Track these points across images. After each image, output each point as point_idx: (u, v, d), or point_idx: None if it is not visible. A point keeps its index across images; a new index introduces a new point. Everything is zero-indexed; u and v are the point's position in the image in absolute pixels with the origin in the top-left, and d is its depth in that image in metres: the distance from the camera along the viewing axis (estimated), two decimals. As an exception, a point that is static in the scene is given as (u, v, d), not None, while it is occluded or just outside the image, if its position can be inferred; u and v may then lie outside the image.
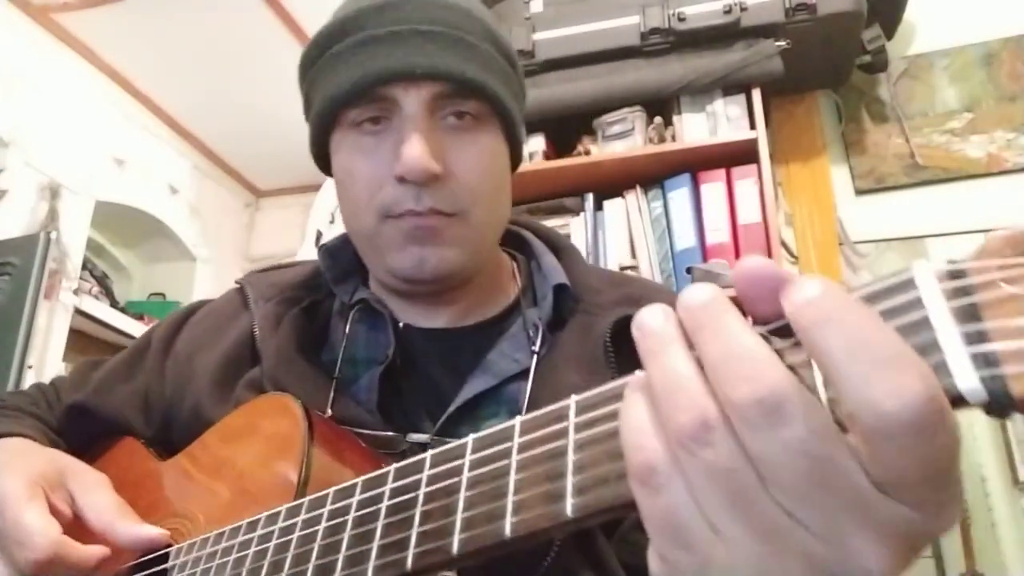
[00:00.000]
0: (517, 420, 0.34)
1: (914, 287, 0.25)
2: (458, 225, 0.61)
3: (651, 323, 0.28)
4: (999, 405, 0.23)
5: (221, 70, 2.71)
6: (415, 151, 0.57)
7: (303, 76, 0.66)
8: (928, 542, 0.25)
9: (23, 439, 0.69)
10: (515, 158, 0.68)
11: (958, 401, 0.24)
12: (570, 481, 0.30)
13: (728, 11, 1.76)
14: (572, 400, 0.33)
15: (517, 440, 0.34)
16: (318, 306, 0.72)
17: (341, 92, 0.60)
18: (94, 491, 0.61)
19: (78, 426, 0.76)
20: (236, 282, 0.77)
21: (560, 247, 0.74)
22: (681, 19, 1.78)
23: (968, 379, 0.23)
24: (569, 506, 0.30)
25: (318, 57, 0.63)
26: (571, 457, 0.31)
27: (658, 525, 0.27)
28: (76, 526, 0.60)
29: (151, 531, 0.57)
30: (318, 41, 0.63)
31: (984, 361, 0.23)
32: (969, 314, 0.24)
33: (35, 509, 0.57)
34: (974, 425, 2.31)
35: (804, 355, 0.26)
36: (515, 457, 0.33)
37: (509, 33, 1.88)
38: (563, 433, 0.32)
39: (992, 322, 0.24)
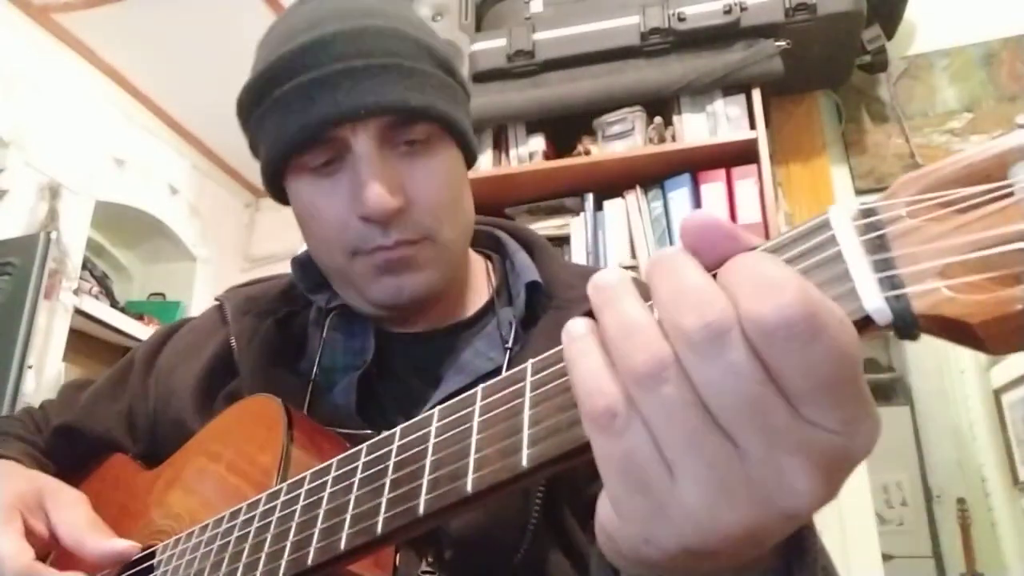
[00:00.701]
0: (479, 387, 0.36)
1: (829, 227, 0.28)
2: (427, 248, 0.62)
3: (606, 278, 0.30)
4: (903, 322, 0.26)
5: (221, 70, 2.71)
6: (375, 193, 0.58)
7: (245, 119, 0.66)
8: (853, 465, 0.27)
9: (6, 461, 0.70)
10: (469, 159, 0.69)
11: (867, 322, 0.26)
12: (526, 435, 0.32)
13: (728, 11, 1.76)
14: (529, 363, 0.35)
15: (479, 404, 0.36)
16: (294, 317, 0.73)
17: (289, 141, 0.60)
18: (67, 509, 0.62)
19: (67, 447, 0.76)
20: (215, 299, 0.78)
21: (533, 245, 0.74)
22: (681, 19, 1.79)
23: (873, 300, 0.26)
24: (525, 457, 0.32)
25: (257, 103, 0.62)
26: (527, 413, 0.33)
27: (617, 469, 0.28)
28: (51, 543, 0.61)
29: (119, 544, 0.58)
30: (256, 84, 0.62)
31: (890, 284, 0.26)
32: (877, 245, 0.27)
33: (9, 535, 0.58)
34: (974, 425, 2.30)
35: None
36: (476, 420, 0.35)
37: (509, 34, 1.88)
38: (520, 392, 0.34)
39: (898, 251, 0.26)
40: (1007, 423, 2.18)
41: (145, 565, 0.58)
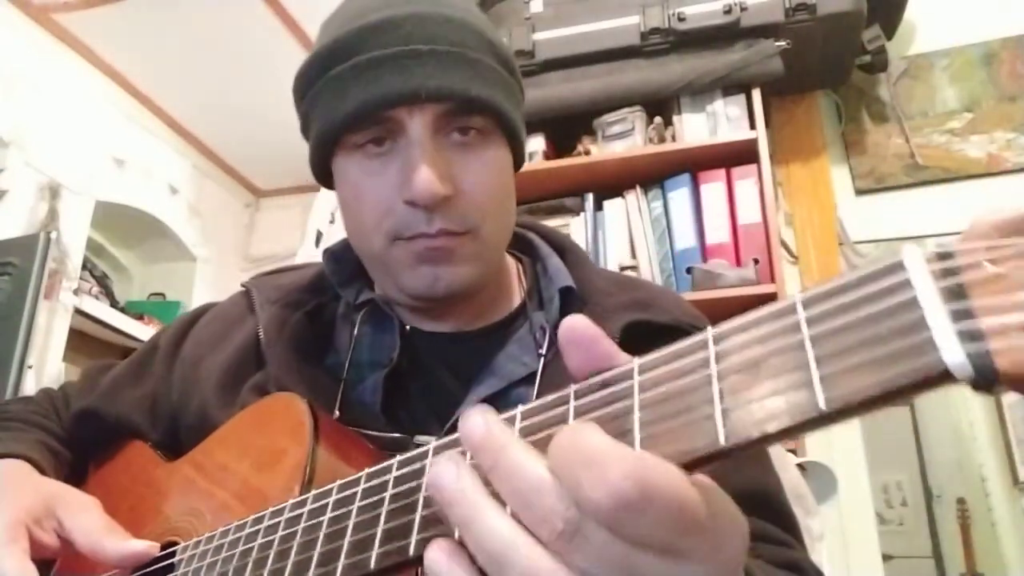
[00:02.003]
0: (519, 409, 0.35)
1: (903, 269, 0.26)
2: (470, 243, 0.61)
3: (449, 486, 0.31)
4: (984, 379, 0.24)
5: (221, 70, 2.71)
6: (425, 177, 0.57)
7: (300, 96, 0.65)
8: (732, 568, 0.29)
9: (18, 462, 0.69)
10: (518, 162, 0.68)
11: (945, 376, 0.24)
12: None
13: (728, 11, 1.76)
14: (571, 389, 0.34)
15: (518, 426, 0.35)
16: (323, 309, 0.72)
17: (345, 116, 0.59)
18: (80, 514, 0.62)
19: (87, 431, 0.76)
20: (242, 285, 0.77)
21: (565, 249, 0.74)
22: (681, 19, 1.79)
23: (954, 354, 0.24)
24: None
25: (317, 78, 0.62)
26: None
27: None
28: (69, 551, 0.60)
29: (138, 545, 0.58)
30: (316, 62, 0.62)
31: (970, 337, 0.24)
32: (955, 293, 0.25)
33: (13, 554, 0.57)
34: (974, 425, 2.30)
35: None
36: None
37: (509, 35, 1.88)
38: (564, 416, 0.33)
39: (978, 300, 0.24)
40: (1007, 423, 2.18)
41: (164, 564, 0.58)
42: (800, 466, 1.48)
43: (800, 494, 1.35)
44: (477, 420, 0.31)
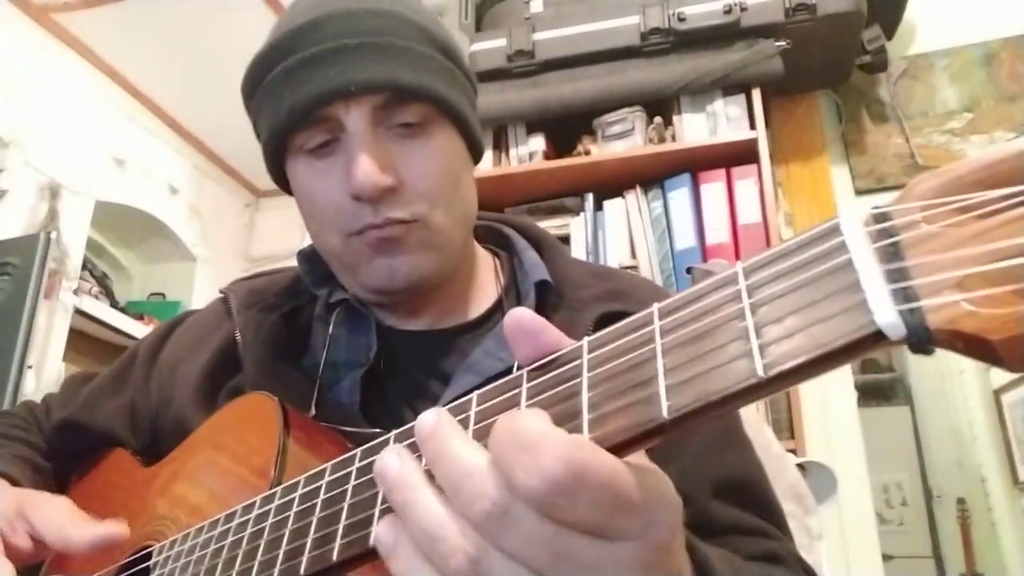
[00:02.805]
0: (475, 394, 0.36)
1: (839, 232, 0.26)
2: (419, 230, 0.61)
3: (390, 479, 0.33)
4: (918, 338, 0.24)
5: (221, 70, 2.71)
6: (363, 168, 0.57)
7: (247, 105, 0.66)
8: (669, 546, 0.31)
9: None
10: (474, 151, 0.68)
11: (879, 337, 0.24)
12: None
13: (728, 11, 1.76)
14: (524, 372, 0.35)
15: (474, 411, 0.35)
16: (299, 311, 0.72)
17: (283, 120, 0.60)
18: (48, 511, 0.61)
19: (68, 442, 0.76)
20: (220, 291, 0.77)
21: (542, 243, 0.73)
22: (681, 19, 1.79)
23: (887, 315, 0.24)
24: None
25: (256, 86, 0.62)
26: None
27: None
28: (47, 552, 0.60)
29: (104, 528, 0.57)
30: (253, 70, 0.62)
31: (904, 297, 0.24)
32: (891, 254, 0.25)
33: None
34: (974, 425, 2.30)
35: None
36: (471, 428, 0.35)
37: (509, 35, 1.88)
38: (516, 399, 0.34)
39: (913, 260, 0.24)
40: (1007, 423, 2.18)
41: (143, 565, 0.58)
42: (800, 466, 1.48)
43: (800, 494, 1.35)
44: (429, 416, 0.33)
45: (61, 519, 0.60)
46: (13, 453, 0.73)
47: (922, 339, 0.24)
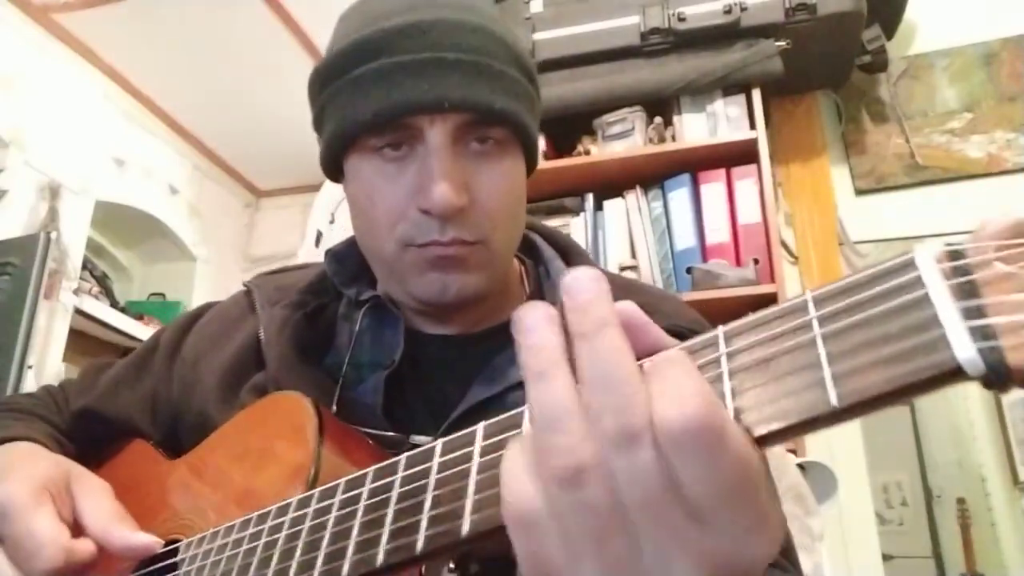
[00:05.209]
0: (525, 408, 0.35)
1: (914, 267, 0.26)
2: (480, 251, 0.61)
3: (536, 337, 0.30)
4: (996, 376, 0.24)
5: (221, 70, 2.71)
6: (443, 189, 0.57)
7: (316, 92, 0.64)
8: (745, 572, 0.28)
9: (30, 443, 0.69)
10: (530, 169, 0.68)
11: (957, 373, 0.25)
12: None
13: (728, 11, 1.76)
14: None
15: (526, 426, 0.34)
16: (324, 309, 0.72)
17: (364, 119, 0.59)
18: (94, 497, 0.61)
19: (87, 430, 0.76)
20: (244, 284, 0.77)
21: (569, 250, 0.73)
22: (681, 19, 1.79)
23: (966, 350, 0.24)
24: None
25: (336, 77, 0.61)
26: None
27: (529, 564, 0.29)
28: (75, 530, 0.60)
29: (144, 538, 0.57)
30: (336, 61, 0.61)
31: (982, 334, 0.24)
32: (967, 291, 0.25)
33: (45, 517, 0.57)
34: (974, 425, 2.30)
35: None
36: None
37: (509, 33, 1.88)
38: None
39: (989, 298, 0.25)
40: (1007, 423, 2.18)
41: (167, 562, 0.58)
42: (800, 466, 1.48)
43: (800, 494, 1.35)
44: (586, 282, 0.30)
45: (106, 511, 0.60)
46: (44, 429, 0.73)
47: (1001, 376, 0.24)
